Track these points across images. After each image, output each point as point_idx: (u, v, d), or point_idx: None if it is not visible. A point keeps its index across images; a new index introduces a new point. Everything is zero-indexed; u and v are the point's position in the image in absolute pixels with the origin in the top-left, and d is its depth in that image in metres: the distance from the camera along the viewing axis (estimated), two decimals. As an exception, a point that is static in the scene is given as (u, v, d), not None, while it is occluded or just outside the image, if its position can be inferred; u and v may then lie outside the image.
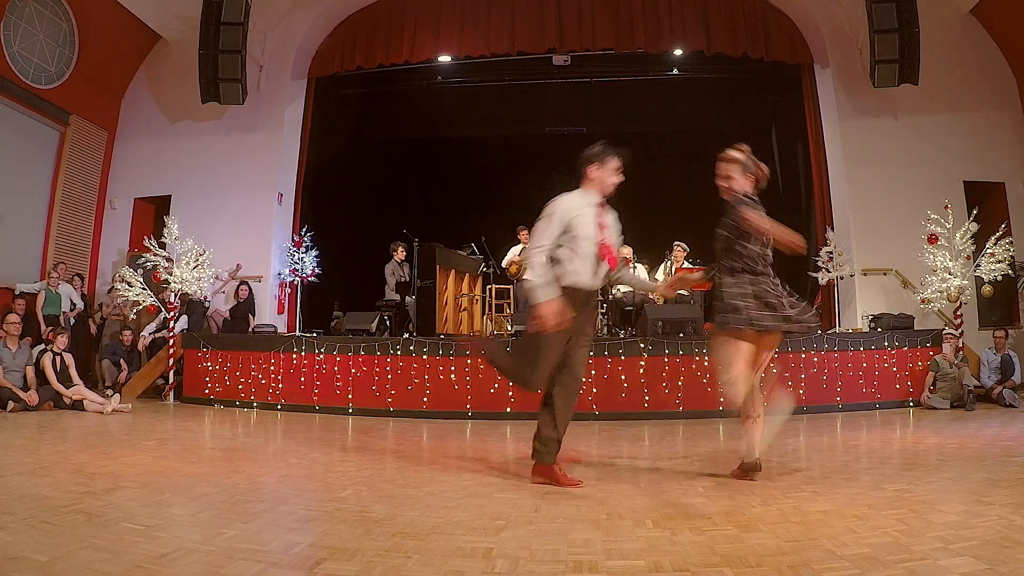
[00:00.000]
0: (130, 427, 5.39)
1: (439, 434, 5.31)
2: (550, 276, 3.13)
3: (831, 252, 8.01)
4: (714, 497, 2.94)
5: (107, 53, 8.94)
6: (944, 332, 6.78)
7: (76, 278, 8.49)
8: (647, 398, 6.22)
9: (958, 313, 7.20)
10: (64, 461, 3.76)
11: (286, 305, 9.00)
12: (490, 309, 9.03)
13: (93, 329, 8.72)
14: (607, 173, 3.30)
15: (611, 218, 3.39)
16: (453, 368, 6.41)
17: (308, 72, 9.59)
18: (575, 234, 3.16)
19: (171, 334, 7.51)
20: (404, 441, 4.96)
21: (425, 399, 6.41)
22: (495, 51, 9.09)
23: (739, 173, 3.39)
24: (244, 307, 8.41)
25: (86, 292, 8.73)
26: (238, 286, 8.47)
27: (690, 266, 7.83)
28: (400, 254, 8.50)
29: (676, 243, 8.15)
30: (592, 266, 3.21)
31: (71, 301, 8.08)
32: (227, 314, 8.44)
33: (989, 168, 8.32)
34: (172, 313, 7.60)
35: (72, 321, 7.99)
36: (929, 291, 7.25)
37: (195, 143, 9.28)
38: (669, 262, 8.14)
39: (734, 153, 3.40)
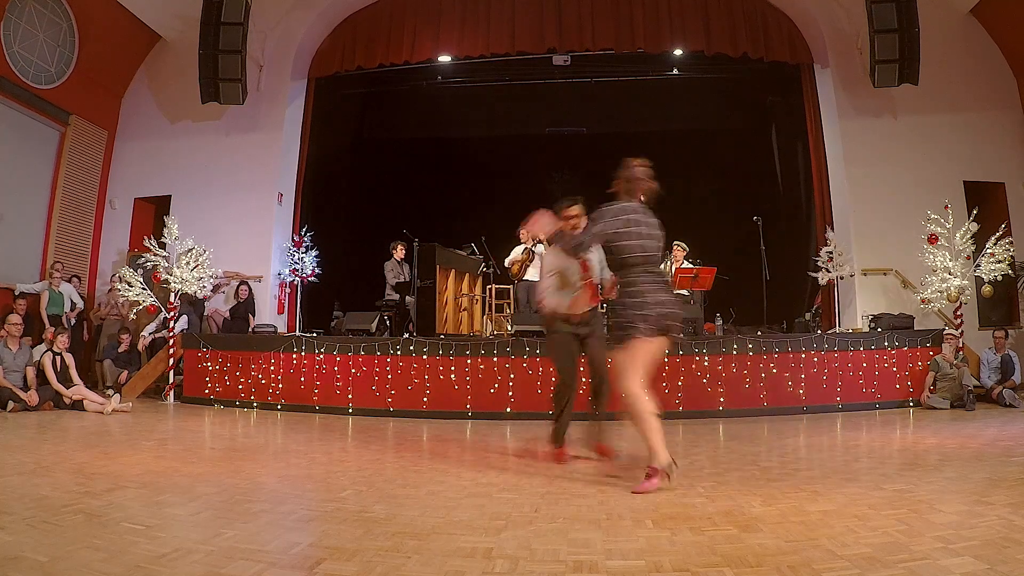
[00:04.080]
0: (130, 427, 5.39)
1: (439, 434, 5.31)
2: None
3: (831, 252, 8.01)
4: (714, 497, 2.94)
5: (107, 53, 8.94)
6: (944, 332, 6.78)
7: (74, 278, 8.49)
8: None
9: (958, 313, 7.20)
10: (64, 461, 3.76)
11: (286, 305, 8.99)
12: (490, 309, 9.03)
13: (91, 329, 8.71)
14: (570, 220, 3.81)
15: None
16: (453, 368, 6.41)
17: (308, 72, 9.59)
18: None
19: (171, 334, 7.50)
20: (404, 441, 4.97)
21: (425, 399, 6.41)
22: (495, 51, 9.09)
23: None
24: (244, 307, 8.41)
25: (84, 292, 8.72)
26: (238, 286, 8.47)
27: (690, 266, 7.82)
28: (400, 252, 8.49)
29: (675, 243, 8.14)
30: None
31: (71, 301, 8.08)
32: (227, 314, 8.43)
33: (989, 168, 8.32)
34: (172, 313, 7.60)
35: (73, 321, 8.00)
36: (929, 291, 7.24)
37: (195, 143, 9.27)
38: (668, 261, 8.14)
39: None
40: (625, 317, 3.19)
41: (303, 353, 6.74)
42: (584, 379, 4.05)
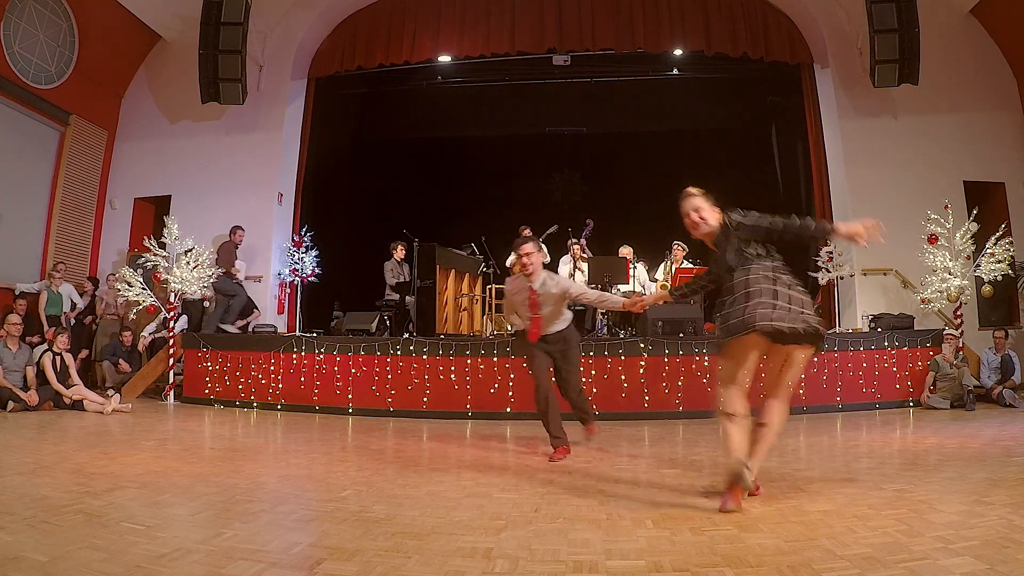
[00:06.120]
0: (130, 427, 5.39)
1: (439, 434, 5.31)
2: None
3: (831, 252, 8.00)
4: (714, 497, 2.93)
5: (107, 53, 8.94)
6: (944, 332, 6.78)
7: (87, 281, 8.55)
8: (647, 398, 6.21)
9: (958, 313, 7.20)
10: (64, 461, 3.76)
11: (286, 305, 8.99)
12: (490, 309, 9.02)
13: (89, 332, 8.71)
14: (520, 260, 4.14)
15: (548, 284, 4.11)
16: (453, 368, 6.41)
17: (308, 72, 9.58)
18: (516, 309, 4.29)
19: (171, 334, 7.50)
20: (404, 441, 4.97)
21: (425, 399, 6.41)
22: (495, 51, 9.09)
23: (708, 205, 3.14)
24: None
25: (95, 293, 8.71)
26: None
27: (690, 266, 7.82)
28: (400, 253, 8.49)
29: (675, 243, 8.14)
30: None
31: (71, 301, 8.08)
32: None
33: (989, 168, 8.32)
34: (172, 313, 7.60)
35: (72, 321, 8.00)
36: (929, 291, 7.24)
37: (195, 143, 9.27)
38: (669, 262, 8.14)
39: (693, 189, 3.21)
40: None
41: (303, 353, 6.75)
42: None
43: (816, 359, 6.41)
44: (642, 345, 6.34)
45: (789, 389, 3.01)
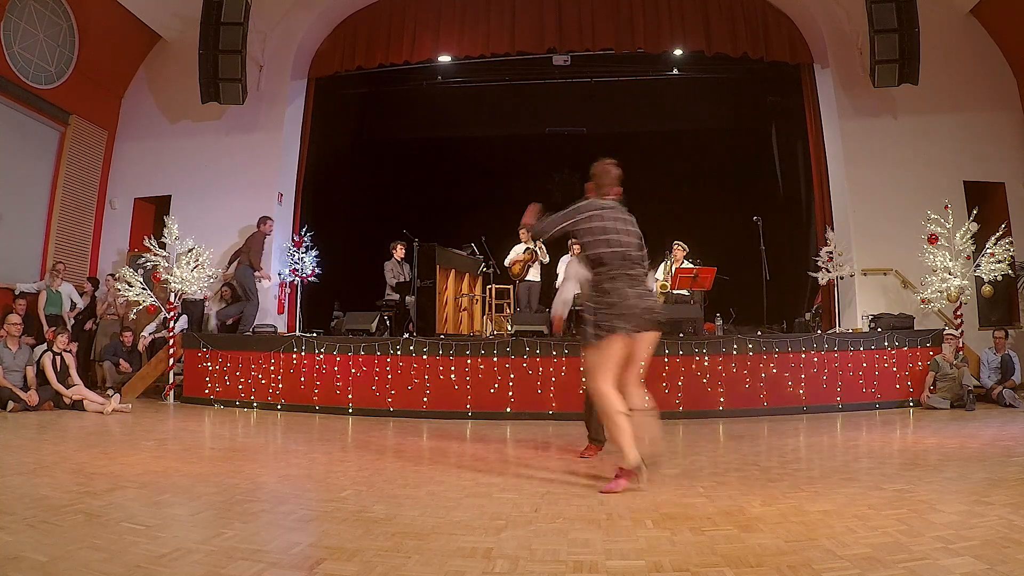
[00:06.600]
0: (130, 427, 5.39)
1: (439, 434, 5.31)
2: None
3: (831, 252, 8.00)
4: (714, 497, 2.94)
5: (107, 53, 8.93)
6: (944, 332, 6.78)
7: (87, 282, 8.54)
8: (647, 398, 6.20)
9: (958, 313, 7.20)
10: (64, 461, 3.76)
11: (286, 305, 8.99)
12: (490, 309, 9.03)
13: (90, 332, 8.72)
14: None
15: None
16: (453, 368, 6.41)
17: (308, 72, 9.58)
18: None
19: (171, 334, 7.51)
20: (404, 441, 4.97)
21: (425, 399, 6.41)
22: (495, 51, 9.09)
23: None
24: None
25: (95, 294, 8.72)
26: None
27: (690, 265, 7.82)
28: (400, 252, 8.50)
29: (675, 242, 8.15)
30: None
31: (71, 301, 8.08)
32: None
33: (989, 168, 8.32)
34: (172, 313, 7.60)
35: (72, 321, 8.00)
36: (929, 291, 7.24)
37: (195, 143, 9.27)
38: (669, 261, 8.14)
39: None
40: (599, 317, 3.14)
41: (303, 353, 6.75)
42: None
43: (816, 359, 6.43)
44: (642, 345, 6.33)
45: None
